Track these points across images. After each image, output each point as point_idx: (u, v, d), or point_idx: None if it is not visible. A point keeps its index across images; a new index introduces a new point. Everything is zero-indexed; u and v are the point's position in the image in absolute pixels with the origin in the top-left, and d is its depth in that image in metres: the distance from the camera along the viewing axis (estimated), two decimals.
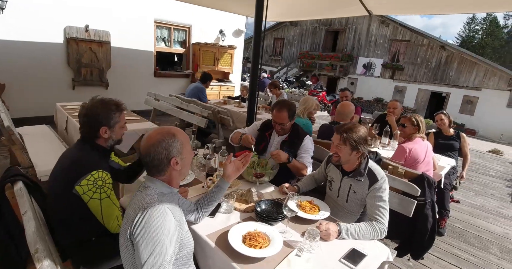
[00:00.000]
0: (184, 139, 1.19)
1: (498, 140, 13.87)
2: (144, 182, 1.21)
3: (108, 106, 1.51)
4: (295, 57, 21.66)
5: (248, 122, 3.75)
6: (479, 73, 14.90)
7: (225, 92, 8.18)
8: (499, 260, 2.87)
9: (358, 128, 1.70)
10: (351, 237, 1.52)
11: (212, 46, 7.58)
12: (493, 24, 39.31)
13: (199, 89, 5.21)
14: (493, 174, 5.93)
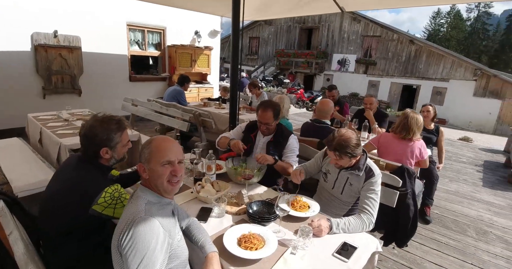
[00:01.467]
0: (155, 148, 1.16)
1: (467, 127, 14.67)
2: (137, 190, 1.20)
3: (108, 126, 1.44)
4: (271, 56, 21.82)
5: (231, 124, 3.75)
6: (446, 65, 15.69)
7: (204, 94, 8.12)
8: (476, 242, 3.06)
9: (347, 138, 1.76)
10: (342, 231, 1.58)
11: (188, 48, 7.48)
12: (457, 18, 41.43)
13: (177, 92, 5.14)
14: (464, 161, 6.28)
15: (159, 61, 7.58)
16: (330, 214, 1.85)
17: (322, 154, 2.11)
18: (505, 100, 14.57)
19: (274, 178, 2.40)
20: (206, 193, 1.78)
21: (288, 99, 3.39)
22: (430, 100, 16.54)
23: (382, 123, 3.90)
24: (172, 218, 1.20)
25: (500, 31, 41.09)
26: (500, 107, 14.73)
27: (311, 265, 1.31)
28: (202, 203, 1.76)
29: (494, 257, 2.80)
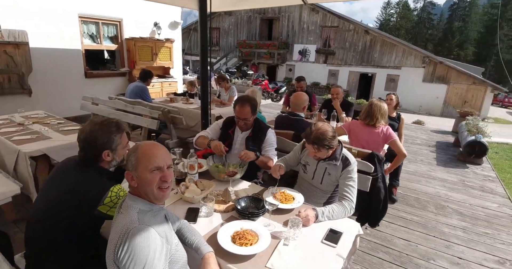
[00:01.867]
0: (141, 155, 1.13)
1: (418, 111, 15.92)
2: (126, 200, 1.15)
3: (108, 129, 1.45)
4: (233, 47, 21.59)
5: (203, 120, 3.70)
6: (398, 53, 16.74)
7: (168, 89, 7.85)
8: (436, 216, 3.39)
9: (324, 131, 1.84)
10: (327, 219, 1.67)
11: (148, 41, 7.14)
12: (405, 8, 44.06)
13: (140, 88, 4.90)
14: (419, 143, 6.84)
15: (116, 55, 7.14)
16: (312, 203, 1.94)
17: (300, 147, 2.18)
18: (450, 84, 16.00)
19: (254, 172, 2.44)
20: (191, 193, 1.76)
21: (260, 92, 3.41)
22: (385, 87, 17.62)
23: (349, 112, 4.10)
24: (166, 224, 1.18)
25: (443, 21, 44.63)
26: (446, 91, 16.16)
27: (305, 254, 1.38)
28: (188, 204, 1.74)
29: (452, 229, 3.13)
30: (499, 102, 26.21)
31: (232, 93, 5.18)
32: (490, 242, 2.91)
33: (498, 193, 4.18)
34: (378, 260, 2.57)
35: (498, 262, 2.61)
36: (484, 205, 3.75)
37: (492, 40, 36.59)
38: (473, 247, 2.82)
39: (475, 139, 5.22)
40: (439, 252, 2.72)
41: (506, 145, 7.46)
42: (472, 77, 15.66)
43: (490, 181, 4.66)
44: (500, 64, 36.49)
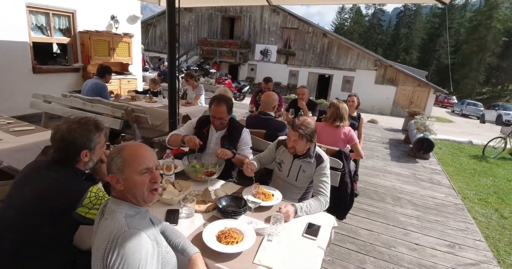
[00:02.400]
0: (128, 157, 1.08)
1: (371, 111, 17.03)
2: (109, 205, 1.10)
3: (86, 127, 1.39)
4: (193, 44, 21.15)
5: (171, 119, 3.59)
6: (353, 56, 17.77)
7: (127, 86, 7.45)
8: (393, 207, 3.69)
9: (309, 122, 1.96)
10: (305, 214, 1.74)
11: (105, 35, 6.70)
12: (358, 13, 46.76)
13: (99, 86, 4.57)
14: (374, 140, 7.35)
15: (68, 49, 6.59)
16: (287, 199, 2.00)
17: (275, 146, 2.24)
18: (398, 86, 17.39)
19: (228, 171, 2.44)
20: (169, 194, 1.71)
21: (231, 92, 3.41)
22: (341, 88, 18.60)
23: (314, 112, 4.26)
24: (153, 226, 1.14)
25: (391, 27, 48.19)
26: (395, 93, 17.54)
27: (288, 248, 1.43)
28: (166, 206, 1.69)
29: (408, 218, 3.44)
30: (440, 103, 29.08)
31: (200, 92, 5.10)
32: (440, 229, 3.25)
33: (444, 184, 4.67)
34: (346, 250, 2.73)
35: (449, 246, 2.93)
36: (433, 196, 4.16)
37: (433, 46, 40.52)
38: (426, 234, 3.12)
39: (423, 136, 5.76)
40: (398, 240, 2.97)
41: (447, 141, 8.33)
42: (417, 80, 17.19)
43: (436, 173, 5.18)
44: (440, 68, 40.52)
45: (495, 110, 19.00)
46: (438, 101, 28.27)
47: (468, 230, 3.27)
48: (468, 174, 5.59)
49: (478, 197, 4.47)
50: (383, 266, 2.56)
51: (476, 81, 35.62)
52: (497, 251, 2.99)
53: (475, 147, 8.02)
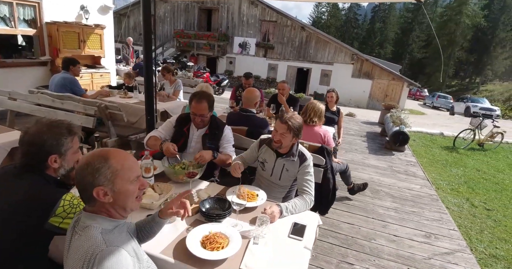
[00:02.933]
0: (119, 166, 0.98)
1: (348, 104, 17.39)
2: (82, 220, 1.00)
3: (58, 130, 1.28)
4: (170, 36, 20.53)
5: (148, 116, 3.45)
6: (330, 50, 17.97)
7: (99, 81, 7.09)
8: (372, 200, 3.78)
9: (298, 116, 1.95)
10: (290, 214, 1.73)
11: (74, 26, 6.30)
12: (335, 7, 47.19)
13: (69, 80, 4.29)
14: (353, 133, 7.50)
15: (35, 41, 6.15)
16: (271, 198, 1.98)
17: (257, 144, 2.20)
18: (374, 80, 17.84)
19: (210, 171, 2.38)
20: (149, 198, 1.63)
21: (211, 87, 3.31)
22: (319, 81, 18.83)
23: (295, 107, 4.26)
24: (132, 239, 1.07)
25: (367, 21, 49.15)
26: (371, 86, 17.99)
27: (275, 250, 1.40)
28: (146, 211, 1.61)
29: (386, 210, 3.54)
30: (412, 96, 30.18)
31: (178, 87, 4.94)
32: (417, 219, 3.37)
33: (419, 176, 4.85)
34: (328, 245, 2.77)
35: (425, 236, 3.05)
36: (409, 187, 4.32)
37: (406, 40, 41.85)
38: (404, 225, 3.23)
39: (399, 129, 5.94)
40: (378, 232, 3.05)
41: (420, 133, 8.66)
42: (392, 73, 17.70)
43: (412, 165, 5.38)
44: (413, 62, 41.98)
45: (464, 103, 20.00)
46: (411, 94, 29.32)
47: (442, 220, 3.42)
48: (441, 165, 5.85)
49: (450, 187, 4.68)
50: (364, 259, 2.62)
51: (446, 74, 37.27)
52: (470, 239, 3.15)
53: (446, 138, 8.41)
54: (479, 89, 35.29)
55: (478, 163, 6.29)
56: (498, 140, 7.66)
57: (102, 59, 7.38)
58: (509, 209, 4.12)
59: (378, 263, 2.57)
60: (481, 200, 4.30)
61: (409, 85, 18.17)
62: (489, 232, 3.39)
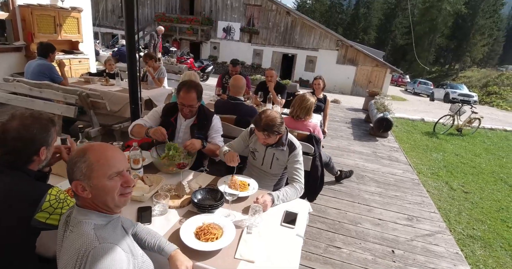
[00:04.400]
0: (95, 161, 0.95)
1: (332, 90, 17.53)
2: (74, 215, 0.97)
3: (44, 122, 1.26)
4: (150, 20, 19.74)
5: (132, 104, 3.35)
6: (316, 36, 17.86)
7: (78, 67, 6.78)
8: (358, 185, 3.89)
9: (273, 118, 1.88)
10: (282, 202, 1.75)
11: (49, 9, 5.92)
12: None
13: (47, 67, 4.05)
14: (338, 120, 7.61)
15: (7, 25, 5.74)
16: (263, 187, 2.00)
17: (247, 133, 2.18)
18: (358, 66, 17.98)
19: (200, 160, 2.36)
20: (139, 191, 1.60)
21: (198, 76, 3.23)
22: (305, 67, 18.80)
23: (282, 94, 4.24)
24: (126, 235, 1.05)
25: (351, 6, 48.87)
26: (355, 73, 18.14)
27: (269, 239, 1.42)
28: (137, 203, 1.58)
29: (371, 195, 3.65)
30: (394, 82, 30.73)
31: (162, 75, 4.79)
32: (400, 203, 3.51)
33: (402, 161, 5.01)
34: (317, 230, 2.85)
35: (408, 219, 3.18)
36: (392, 172, 4.46)
37: (389, 26, 42.11)
38: (388, 209, 3.36)
39: (383, 116, 6.07)
40: (363, 216, 3.16)
41: (402, 119, 8.89)
42: (376, 60, 17.87)
43: (395, 151, 5.54)
44: (395, 48, 42.43)
45: (443, 89, 20.58)
46: (393, 80, 29.84)
47: (423, 203, 3.58)
48: (422, 150, 6.06)
49: (430, 172, 4.88)
50: (351, 242, 2.72)
51: (427, 61, 38.03)
52: (449, 221, 3.32)
53: (427, 124, 8.68)
54: (458, 76, 36.21)
55: (456, 147, 6.56)
56: (476, 125, 7.98)
57: (80, 44, 7.04)
58: (485, 191, 4.35)
59: (364, 246, 2.68)
60: (459, 183, 4.51)
61: (392, 71, 18.44)
62: (466, 214, 3.58)
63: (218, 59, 19.69)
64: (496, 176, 5.08)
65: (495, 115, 14.07)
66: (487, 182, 4.73)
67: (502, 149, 6.93)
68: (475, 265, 2.66)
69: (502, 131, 9.01)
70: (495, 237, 3.18)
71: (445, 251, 2.71)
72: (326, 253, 2.53)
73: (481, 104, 20.24)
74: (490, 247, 2.99)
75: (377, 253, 2.60)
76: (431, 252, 2.68)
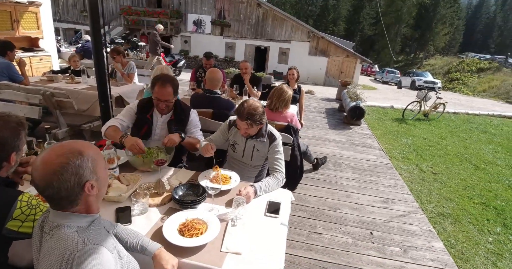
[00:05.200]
0: (95, 154, 0.94)
1: (306, 82, 17.78)
2: (50, 219, 0.91)
3: (14, 125, 1.17)
4: (115, 14, 18.84)
5: (102, 102, 3.19)
6: (287, 28, 17.92)
7: (39, 65, 6.36)
8: (335, 172, 4.00)
9: (256, 107, 1.88)
10: (264, 193, 1.76)
11: (5, 4, 5.45)
12: None
13: (5, 66, 3.76)
14: (313, 110, 7.74)
15: None
16: (244, 178, 1.99)
17: (226, 126, 2.16)
18: (330, 57, 18.32)
19: (178, 156, 2.31)
20: (116, 191, 1.54)
21: (170, 70, 3.14)
22: (278, 60, 18.86)
23: (258, 86, 4.23)
24: (110, 235, 1.01)
25: None
26: (327, 63, 18.48)
27: (254, 230, 1.43)
28: (114, 204, 1.52)
29: (348, 181, 3.78)
30: (364, 72, 31.72)
31: (131, 70, 4.60)
32: (375, 187, 3.66)
33: (375, 147, 5.21)
34: (298, 218, 2.91)
35: (383, 201, 3.33)
36: (367, 158, 4.63)
37: (358, 18, 43.15)
38: (364, 193, 3.49)
39: (356, 104, 6.25)
40: (342, 202, 3.26)
41: (373, 107, 9.22)
42: (346, 51, 18.29)
43: (368, 137, 5.74)
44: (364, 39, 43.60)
45: (410, 77, 21.54)
46: (363, 70, 30.75)
47: (397, 186, 3.75)
48: (392, 135, 6.33)
49: (402, 156, 5.12)
50: (332, 227, 2.80)
51: (394, 51, 39.49)
52: (421, 201, 3.51)
53: (396, 110, 9.07)
54: (423, 64, 38.04)
55: (424, 132, 6.92)
56: (441, 110, 8.44)
57: (40, 40, 6.59)
58: (452, 171, 4.64)
59: (344, 230, 2.77)
60: (428, 165, 4.78)
61: (362, 61, 18.98)
62: (436, 193, 3.81)
63: (190, 53, 19.25)
64: (461, 156, 5.43)
65: (458, 99, 14.97)
66: (453, 163, 5.04)
67: (465, 132, 7.41)
68: (447, 241, 2.84)
69: (464, 114, 9.62)
70: (463, 213, 3.42)
71: (419, 230, 2.87)
72: (309, 239, 2.59)
73: (445, 90, 21.44)
74: (459, 223, 3.21)
75: (356, 236, 2.70)
76: (407, 231, 2.82)
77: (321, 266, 2.29)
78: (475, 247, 2.85)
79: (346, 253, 2.46)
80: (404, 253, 2.53)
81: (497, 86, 19.89)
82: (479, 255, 2.74)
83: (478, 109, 10.90)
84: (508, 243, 2.98)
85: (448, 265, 2.44)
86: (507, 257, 2.76)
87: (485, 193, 4.04)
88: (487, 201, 3.80)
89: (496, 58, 28.20)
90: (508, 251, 2.84)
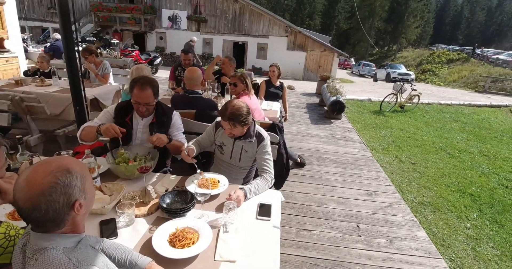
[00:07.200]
0: (83, 171, 0.89)
1: (285, 77, 17.84)
2: (32, 242, 0.84)
3: None
4: (85, 10, 18.01)
5: (76, 106, 3.04)
6: (265, 23, 17.87)
7: (6, 67, 5.96)
8: (319, 167, 4.04)
9: (239, 107, 1.83)
10: (254, 195, 1.73)
11: None
12: None
13: None
14: (294, 106, 7.78)
15: None
16: (232, 180, 1.96)
17: (213, 128, 2.11)
18: (308, 52, 18.47)
19: (162, 160, 2.23)
20: (99, 203, 1.46)
21: (148, 69, 3.02)
22: (256, 55, 18.80)
23: None
24: (98, 253, 0.95)
25: None
26: (305, 58, 18.63)
27: (246, 235, 1.40)
28: (98, 217, 1.44)
29: (332, 175, 3.83)
30: (341, 65, 32.29)
31: (106, 70, 4.40)
32: (359, 180, 3.73)
33: (356, 140, 5.32)
34: (286, 216, 2.91)
35: (367, 194, 3.41)
36: (349, 152, 4.71)
37: (333, 12, 43.72)
38: (349, 187, 3.56)
39: (336, 99, 6.34)
40: (328, 197, 3.31)
41: (352, 100, 9.40)
42: (323, 45, 18.50)
43: (349, 131, 5.85)
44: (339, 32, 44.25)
45: (385, 69, 22.12)
46: (340, 63, 31.31)
47: (379, 178, 3.85)
48: (372, 128, 6.49)
49: (381, 147, 5.26)
50: (320, 223, 2.83)
51: (368, 44, 40.41)
52: (402, 191, 3.63)
53: (374, 103, 9.29)
54: (396, 56, 39.19)
55: (401, 123, 7.15)
56: (416, 101, 8.74)
57: (5, 41, 6.16)
58: (429, 161, 4.83)
59: (332, 225, 2.81)
60: (407, 156, 4.94)
61: (339, 55, 19.28)
62: (416, 183, 3.95)
63: (166, 50, 18.79)
64: (437, 146, 5.66)
65: (430, 90, 15.52)
66: (429, 152, 5.25)
67: (439, 121, 7.73)
68: (428, 229, 2.96)
69: (437, 105, 10.02)
70: (442, 201, 3.57)
71: (403, 220, 2.97)
72: (298, 237, 2.61)
73: (417, 81, 22.20)
74: (439, 211, 3.34)
75: (344, 230, 2.75)
76: (391, 222, 2.91)
77: (311, 263, 2.31)
78: (455, 233, 2.98)
79: (335, 248, 2.50)
80: (390, 244, 2.60)
81: (466, 76, 20.83)
82: (459, 241, 2.87)
83: (449, 99, 11.37)
84: (484, 227, 3.15)
85: (432, 253, 2.53)
86: (484, 241, 2.91)
87: (461, 180, 4.23)
88: (463, 188, 3.98)
89: (464, 49, 29.52)
90: (485, 236, 3.00)
